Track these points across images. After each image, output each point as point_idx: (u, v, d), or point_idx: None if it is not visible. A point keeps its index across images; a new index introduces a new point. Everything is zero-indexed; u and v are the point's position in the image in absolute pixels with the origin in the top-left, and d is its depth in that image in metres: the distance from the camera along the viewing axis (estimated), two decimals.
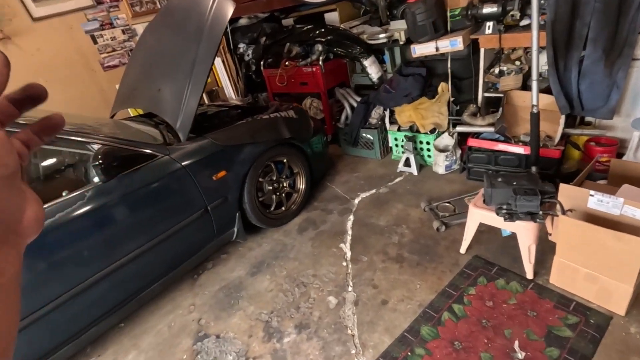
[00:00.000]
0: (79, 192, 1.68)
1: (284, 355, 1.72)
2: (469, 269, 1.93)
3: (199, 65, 2.07)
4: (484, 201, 1.86)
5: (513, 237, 1.98)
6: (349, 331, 1.76)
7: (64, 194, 1.67)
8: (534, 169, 2.20)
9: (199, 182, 2.04)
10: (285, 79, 3.52)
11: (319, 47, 3.28)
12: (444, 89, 2.81)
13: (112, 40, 3.68)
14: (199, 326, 1.97)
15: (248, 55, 3.89)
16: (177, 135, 2.07)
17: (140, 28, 3.82)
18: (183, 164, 1.98)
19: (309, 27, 3.37)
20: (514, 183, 1.73)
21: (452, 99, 2.86)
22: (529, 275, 1.79)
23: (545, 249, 1.92)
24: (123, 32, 3.74)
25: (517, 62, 2.65)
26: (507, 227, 1.80)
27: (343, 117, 3.42)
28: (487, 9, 2.42)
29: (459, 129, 2.72)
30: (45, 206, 1.58)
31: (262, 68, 3.71)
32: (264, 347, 1.77)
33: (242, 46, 3.99)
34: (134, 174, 1.81)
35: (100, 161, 1.64)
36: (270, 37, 3.65)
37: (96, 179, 1.71)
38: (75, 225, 1.65)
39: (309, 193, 2.81)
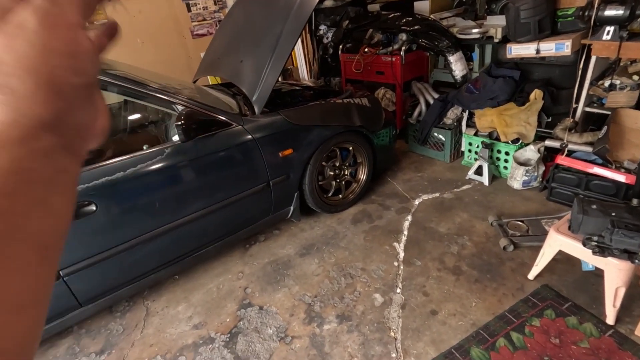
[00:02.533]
0: (159, 147, 1.79)
1: (322, 341, 1.71)
2: (535, 297, 1.75)
3: (283, 42, 2.07)
4: (569, 227, 1.65)
5: (596, 273, 1.75)
6: (392, 334, 1.69)
7: (144, 147, 1.79)
8: (635, 201, 1.91)
9: (265, 156, 2.07)
10: (361, 66, 3.44)
11: (403, 36, 3.13)
12: (537, 96, 2.53)
13: (203, 9, 3.86)
14: (245, 294, 2.03)
15: (327, 37, 3.85)
16: (252, 107, 2.11)
17: (230, 0, 3.95)
18: (254, 136, 2.02)
19: (395, 14, 3.22)
20: (613, 214, 1.50)
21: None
22: (610, 320, 1.57)
23: (634, 295, 1.67)
24: (215, 2, 3.91)
25: (635, 77, 2.28)
26: (592, 261, 1.58)
27: (416, 113, 3.25)
28: (611, 11, 2.10)
29: (548, 143, 2.45)
30: (128, 156, 1.73)
31: (339, 52, 3.65)
32: (304, 329, 1.78)
33: (322, 28, 3.96)
34: (209, 138, 1.88)
35: (183, 122, 1.72)
36: (353, 22, 3.57)
37: (176, 138, 1.81)
38: (151, 178, 1.77)
39: (369, 185, 2.73)
